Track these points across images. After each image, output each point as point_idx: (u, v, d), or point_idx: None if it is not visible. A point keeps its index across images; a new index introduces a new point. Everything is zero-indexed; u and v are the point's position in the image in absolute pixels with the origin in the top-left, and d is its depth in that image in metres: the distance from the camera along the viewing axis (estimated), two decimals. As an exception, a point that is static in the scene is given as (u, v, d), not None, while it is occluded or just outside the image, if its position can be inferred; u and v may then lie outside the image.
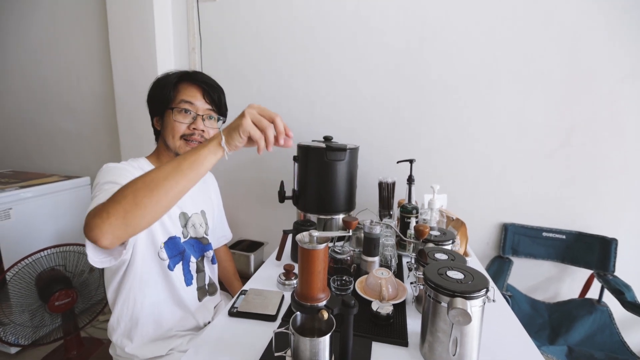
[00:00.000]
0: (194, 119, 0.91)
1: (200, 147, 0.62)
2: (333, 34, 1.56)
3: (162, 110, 0.92)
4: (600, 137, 1.41)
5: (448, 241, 0.94)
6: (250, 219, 1.87)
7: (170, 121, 0.90)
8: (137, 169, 0.87)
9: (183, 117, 0.90)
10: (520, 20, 1.38)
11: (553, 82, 1.40)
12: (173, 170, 0.59)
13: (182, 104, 0.90)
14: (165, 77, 0.93)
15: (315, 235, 0.61)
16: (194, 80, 0.93)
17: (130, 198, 0.57)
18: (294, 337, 0.62)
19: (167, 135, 0.91)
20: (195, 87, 0.92)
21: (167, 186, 0.59)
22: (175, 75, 0.92)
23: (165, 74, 0.95)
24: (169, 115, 0.90)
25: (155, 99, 0.93)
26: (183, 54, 1.77)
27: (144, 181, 0.59)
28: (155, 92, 0.93)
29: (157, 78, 0.95)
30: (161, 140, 0.95)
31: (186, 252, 0.94)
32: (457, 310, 0.59)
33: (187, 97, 0.90)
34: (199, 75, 0.94)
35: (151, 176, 0.59)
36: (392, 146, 1.60)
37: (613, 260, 1.41)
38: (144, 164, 0.93)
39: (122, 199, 0.58)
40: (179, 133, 0.90)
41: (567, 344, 1.26)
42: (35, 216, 1.72)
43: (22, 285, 1.31)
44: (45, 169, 2.22)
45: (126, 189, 0.59)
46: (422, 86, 1.52)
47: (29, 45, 2.07)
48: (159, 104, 0.92)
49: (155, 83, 0.94)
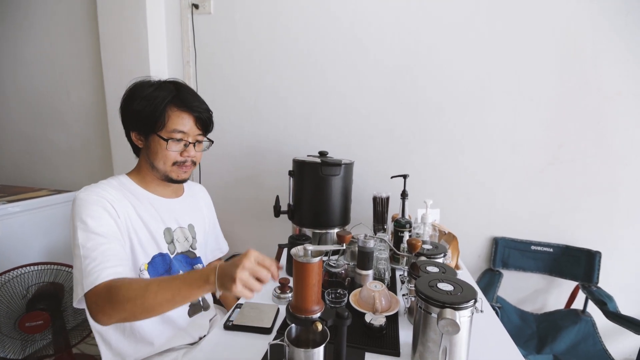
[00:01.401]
0: (186, 146, 0.89)
1: (195, 286, 0.64)
2: (329, 51, 1.61)
3: (146, 131, 0.87)
4: (588, 153, 1.48)
5: (440, 254, 0.97)
6: (246, 233, 1.88)
7: (161, 149, 0.86)
8: (117, 189, 0.85)
9: (175, 146, 0.87)
10: (512, 39, 1.45)
11: (544, 100, 1.47)
12: (166, 302, 0.65)
13: (175, 134, 0.85)
14: (151, 93, 0.85)
15: (310, 249, 0.64)
16: (186, 107, 0.87)
17: (129, 313, 0.66)
18: (288, 348, 0.64)
19: (156, 160, 0.88)
20: (188, 115, 0.87)
21: (161, 310, 0.67)
22: (163, 97, 0.84)
23: (144, 82, 0.88)
24: (158, 141, 0.85)
25: (139, 117, 0.85)
26: (177, 67, 1.78)
27: (142, 304, 0.65)
28: (138, 108, 0.84)
29: (134, 86, 0.87)
30: (145, 158, 0.91)
31: (172, 269, 0.92)
32: (446, 320, 0.61)
33: (180, 126, 0.86)
34: (190, 99, 0.88)
35: (148, 302, 0.65)
36: (386, 162, 1.64)
37: (597, 272, 1.46)
38: (126, 181, 0.90)
39: (122, 310, 0.66)
40: (171, 160, 0.88)
41: (552, 353, 1.30)
42: (24, 231, 1.68)
43: (7, 299, 1.29)
44: (36, 183, 2.19)
45: (126, 303, 0.65)
46: (416, 103, 1.58)
47: (22, 56, 2.06)
48: (143, 125, 0.86)
49: (135, 94, 0.86)
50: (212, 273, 0.63)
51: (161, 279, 0.68)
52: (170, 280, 0.67)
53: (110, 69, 1.75)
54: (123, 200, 0.84)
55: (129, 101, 0.87)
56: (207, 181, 1.86)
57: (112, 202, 0.80)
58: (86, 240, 0.73)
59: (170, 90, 0.87)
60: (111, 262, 0.72)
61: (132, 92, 0.87)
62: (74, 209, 0.78)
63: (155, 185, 0.94)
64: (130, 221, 0.84)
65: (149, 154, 0.89)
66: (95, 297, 0.68)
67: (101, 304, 0.67)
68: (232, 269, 0.60)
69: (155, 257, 0.88)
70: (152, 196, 0.93)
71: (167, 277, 0.69)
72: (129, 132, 0.90)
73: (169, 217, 0.95)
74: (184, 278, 0.66)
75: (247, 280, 0.60)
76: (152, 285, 0.66)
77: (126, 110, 0.88)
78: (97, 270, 0.70)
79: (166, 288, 0.65)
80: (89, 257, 0.71)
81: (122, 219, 0.81)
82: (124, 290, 0.66)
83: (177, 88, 0.89)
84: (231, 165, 1.82)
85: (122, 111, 0.90)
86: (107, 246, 0.74)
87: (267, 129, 1.74)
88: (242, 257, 0.61)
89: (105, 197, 0.80)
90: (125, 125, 0.91)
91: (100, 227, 0.75)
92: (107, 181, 0.87)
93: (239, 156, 1.80)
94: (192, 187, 1.11)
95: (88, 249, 0.72)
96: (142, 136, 0.89)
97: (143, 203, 0.89)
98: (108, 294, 0.67)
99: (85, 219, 0.75)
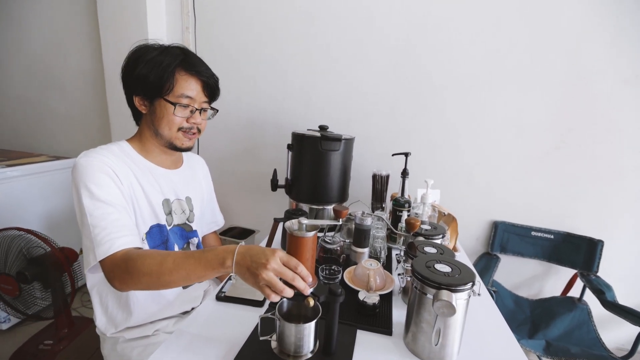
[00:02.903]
0: (192, 113, 0.86)
1: (210, 267, 0.62)
2: (332, 24, 1.54)
3: (152, 95, 0.83)
4: (596, 140, 1.42)
5: (438, 235, 0.95)
6: (242, 206, 1.86)
7: (167, 114, 0.83)
8: (118, 155, 0.82)
9: (182, 112, 0.85)
10: (522, 20, 1.38)
11: (553, 83, 1.41)
12: (181, 280, 0.66)
13: (182, 99, 0.83)
14: (157, 57, 0.81)
15: (305, 223, 0.61)
16: (194, 71, 0.84)
17: (145, 285, 0.68)
18: (279, 322, 0.63)
19: (161, 126, 0.85)
20: (195, 80, 0.85)
21: (176, 285, 0.69)
22: (171, 59, 0.81)
23: (149, 46, 0.84)
24: (164, 106, 0.83)
25: (145, 80, 0.81)
26: (176, 33, 1.72)
27: (157, 279, 0.66)
28: (144, 72, 0.81)
29: (138, 49, 0.84)
30: (147, 125, 0.88)
31: (169, 240, 0.91)
32: (442, 302, 0.59)
33: (188, 91, 0.83)
34: (198, 64, 0.86)
35: (164, 278, 0.65)
36: (385, 140, 1.59)
37: (597, 261, 1.44)
38: (127, 148, 0.87)
39: (139, 282, 0.67)
40: (177, 126, 0.85)
41: (545, 339, 1.30)
42: (23, 196, 1.68)
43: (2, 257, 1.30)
44: (33, 148, 2.17)
45: (142, 276, 0.66)
46: (420, 82, 1.51)
47: (18, 18, 2.00)
48: (150, 88, 0.82)
49: (140, 57, 0.82)
50: (230, 256, 0.60)
51: (176, 255, 0.66)
52: (186, 258, 0.65)
53: (107, 34, 1.70)
54: (124, 167, 0.81)
55: (133, 65, 0.83)
56: (204, 153, 1.83)
57: (114, 169, 0.78)
58: (93, 209, 0.72)
59: (177, 54, 0.84)
60: (122, 232, 0.72)
61: (137, 56, 0.83)
62: (75, 175, 0.75)
63: (156, 155, 0.91)
64: (132, 189, 0.82)
65: (154, 120, 0.85)
66: (112, 266, 0.69)
67: (118, 273, 0.68)
68: (256, 265, 0.57)
69: (152, 228, 0.87)
70: (152, 165, 0.90)
71: (182, 254, 0.66)
72: (131, 97, 0.86)
73: (168, 188, 0.93)
74: (199, 257, 0.64)
75: (274, 282, 0.56)
76: (168, 261, 0.65)
77: (129, 74, 0.84)
78: (109, 240, 0.69)
79: (181, 266, 0.64)
80: (98, 226, 0.71)
81: (125, 187, 0.80)
82: (139, 263, 0.66)
83: (184, 52, 0.86)
84: (229, 137, 1.79)
85: (124, 75, 0.86)
86: (116, 215, 0.73)
87: (266, 101, 1.69)
88: (267, 255, 0.57)
89: (106, 162, 0.77)
90: (127, 90, 0.87)
91: (107, 195, 0.74)
92: (107, 147, 0.84)
93: (237, 128, 1.76)
94: (191, 159, 1.08)
95: (96, 218, 0.71)
96: (146, 101, 0.85)
97: (143, 172, 0.87)
98: (125, 265, 0.67)
99: (89, 186, 0.73)
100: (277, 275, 0.57)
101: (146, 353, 0.85)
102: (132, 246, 0.72)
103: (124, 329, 0.87)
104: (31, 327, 1.63)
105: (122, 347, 0.87)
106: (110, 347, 0.89)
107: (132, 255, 0.68)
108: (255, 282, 0.58)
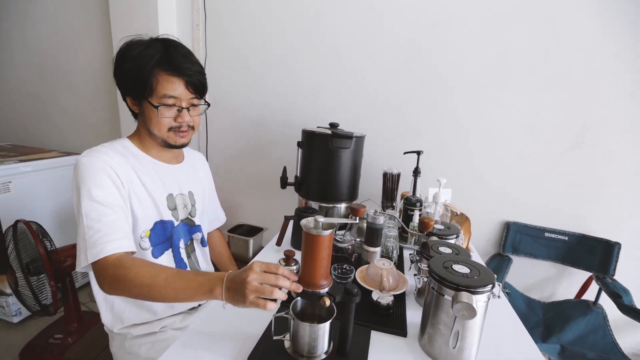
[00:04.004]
0: (179, 111, 0.83)
1: (200, 292, 0.62)
2: (341, 22, 1.52)
3: (138, 96, 0.81)
4: (613, 139, 1.38)
5: (452, 235, 0.93)
6: (250, 204, 1.86)
7: (154, 115, 0.81)
8: (121, 153, 0.82)
9: (168, 111, 0.82)
10: (536, 17, 1.34)
11: (567, 81, 1.37)
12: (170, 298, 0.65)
13: (165, 100, 0.80)
14: (138, 55, 0.78)
15: (321, 221, 0.60)
16: (175, 69, 0.79)
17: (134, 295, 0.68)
18: (293, 322, 0.61)
19: (151, 126, 0.83)
20: (177, 78, 0.80)
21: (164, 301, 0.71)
22: (149, 58, 0.77)
23: (134, 41, 0.81)
24: (150, 108, 0.80)
25: (128, 81, 0.81)
26: (186, 30, 1.71)
27: (147, 293, 0.66)
28: (127, 72, 0.79)
29: (125, 45, 0.81)
30: (142, 124, 0.87)
31: (174, 236, 0.90)
32: (462, 304, 0.58)
33: (170, 91, 0.79)
34: (179, 60, 0.80)
35: (153, 293, 0.65)
36: (395, 138, 1.57)
37: (614, 264, 1.40)
38: (129, 145, 0.87)
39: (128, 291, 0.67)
40: (166, 126, 0.83)
41: (560, 343, 1.27)
42: (35, 191, 1.70)
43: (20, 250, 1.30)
44: (43, 144, 2.19)
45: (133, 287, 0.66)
46: (431, 80, 1.49)
47: (29, 14, 2.02)
48: (133, 90, 0.81)
49: (124, 56, 0.80)
50: (219, 284, 0.60)
51: (169, 272, 0.66)
52: (178, 278, 0.65)
53: (118, 30, 1.71)
54: (126, 165, 0.81)
55: (119, 64, 0.81)
56: (213, 150, 1.83)
57: (116, 169, 0.77)
58: (90, 210, 0.71)
59: (158, 49, 0.79)
60: (116, 235, 0.71)
61: (121, 54, 0.81)
62: (77, 173, 0.74)
63: (156, 151, 0.90)
64: (133, 187, 0.81)
65: (145, 120, 0.84)
66: (103, 270, 0.68)
67: (109, 278, 0.68)
68: (240, 283, 0.58)
69: (156, 224, 0.86)
70: (155, 161, 0.89)
71: (175, 272, 0.67)
72: (125, 97, 0.86)
73: (172, 183, 0.92)
74: (190, 280, 0.64)
75: (261, 289, 0.57)
76: (160, 277, 0.65)
77: (116, 74, 0.83)
78: (102, 243, 0.69)
79: (172, 286, 0.64)
80: (92, 228, 0.70)
81: (126, 187, 0.79)
82: (132, 273, 0.66)
83: (165, 47, 0.80)
84: (237, 135, 1.78)
85: (114, 74, 0.84)
86: (112, 217, 0.72)
87: (275, 99, 1.68)
88: (246, 271, 0.59)
89: (108, 163, 0.76)
90: (119, 90, 0.86)
91: (105, 196, 0.73)
92: (110, 144, 0.83)
93: (246, 125, 1.75)
94: (192, 155, 1.08)
95: (92, 219, 0.70)
96: (135, 101, 0.84)
97: (146, 168, 0.86)
98: (115, 271, 0.67)
99: (89, 186, 0.72)
100: (260, 282, 0.57)
101: (154, 350, 0.85)
102: (125, 250, 0.71)
103: (130, 325, 0.87)
104: (41, 321, 1.65)
105: (130, 343, 0.87)
106: (119, 344, 0.89)
107: (124, 263, 0.68)
108: (245, 299, 0.57)
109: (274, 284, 0.58)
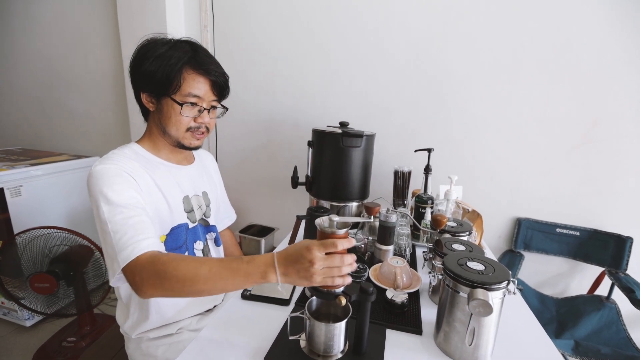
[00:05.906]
0: (200, 112, 0.83)
1: (251, 280, 0.60)
2: (350, 20, 1.51)
3: (159, 93, 0.81)
4: (624, 134, 1.36)
5: (465, 232, 0.93)
6: (261, 204, 1.86)
7: (175, 114, 0.81)
8: (133, 159, 0.80)
9: (190, 111, 0.82)
10: (547, 11, 1.32)
11: (583, 73, 1.35)
12: (217, 290, 0.63)
13: (189, 98, 0.80)
14: (165, 53, 0.78)
15: (336, 220, 0.60)
16: (203, 70, 0.81)
17: (176, 292, 0.63)
18: (309, 321, 0.62)
19: (168, 125, 0.83)
20: (204, 78, 0.81)
21: (210, 294, 0.64)
22: (179, 57, 0.78)
23: (157, 40, 0.81)
24: (172, 105, 0.80)
25: (151, 77, 0.79)
26: (195, 32, 1.72)
27: (191, 286, 0.62)
28: (151, 68, 0.78)
29: (147, 43, 0.80)
30: (155, 123, 0.85)
31: (189, 240, 0.89)
32: (478, 301, 0.58)
33: (195, 90, 0.80)
34: (206, 62, 0.81)
35: (198, 286, 0.61)
36: (406, 136, 1.57)
37: (627, 258, 1.39)
38: (139, 149, 0.85)
39: (169, 288, 0.63)
40: (185, 126, 0.83)
41: (573, 338, 1.26)
42: (46, 194, 1.73)
43: (31, 257, 1.32)
44: (53, 148, 2.22)
45: (175, 282, 0.62)
46: (441, 77, 1.48)
47: (37, 18, 2.04)
48: (156, 86, 0.80)
49: (149, 52, 0.79)
50: (272, 271, 0.59)
51: (212, 263, 0.63)
52: (222, 267, 0.62)
53: (127, 34, 1.72)
54: (140, 170, 0.79)
55: (141, 60, 0.80)
56: (222, 150, 1.84)
57: (131, 173, 0.76)
58: (112, 215, 0.68)
59: (186, 50, 0.80)
60: (144, 234, 0.68)
61: (145, 51, 0.79)
62: (92, 182, 0.72)
63: (167, 152, 0.89)
64: (149, 192, 0.80)
65: (161, 118, 0.83)
66: (138, 270, 0.64)
67: (147, 276, 0.63)
68: (304, 272, 0.57)
69: (173, 229, 0.85)
70: (167, 163, 0.89)
71: (217, 262, 0.63)
72: (139, 94, 0.84)
73: (187, 184, 0.91)
74: (236, 268, 0.61)
75: (329, 282, 0.58)
76: (203, 268, 0.62)
77: (137, 70, 0.81)
78: (132, 243, 0.66)
79: (218, 276, 0.61)
80: (119, 232, 0.67)
81: (145, 191, 0.78)
82: (172, 267, 0.62)
83: (193, 49, 0.81)
84: (247, 135, 1.78)
85: (132, 71, 0.83)
86: (137, 219, 0.70)
87: (285, 99, 1.68)
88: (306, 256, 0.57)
89: (123, 167, 0.75)
90: (134, 86, 0.84)
91: (126, 199, 0.71)
92: (120, 151, 0.81)
93: (255, 125, 1.76)
94: (201, 155, 1.07)
95: (116, 223, 0.68)
96: (153, 98, 0.82)
97: (161, 170, 0.85)
98: (153, 267, 0.63)
99: (107, 192, 0.70)
100: (327, 266, 0.57)
101: (171, 351, 0.86)
102: (157, 249, 0.68)
103: (146, 329, 0.87)
104: (53, 325, 1.67)
105: (147, 345, 0.87)
106: (135, 345, 0.89)
107: (162, 258, 0.64)
108: (312, 282, 0.57)
109: (338, 273, 0.58)
